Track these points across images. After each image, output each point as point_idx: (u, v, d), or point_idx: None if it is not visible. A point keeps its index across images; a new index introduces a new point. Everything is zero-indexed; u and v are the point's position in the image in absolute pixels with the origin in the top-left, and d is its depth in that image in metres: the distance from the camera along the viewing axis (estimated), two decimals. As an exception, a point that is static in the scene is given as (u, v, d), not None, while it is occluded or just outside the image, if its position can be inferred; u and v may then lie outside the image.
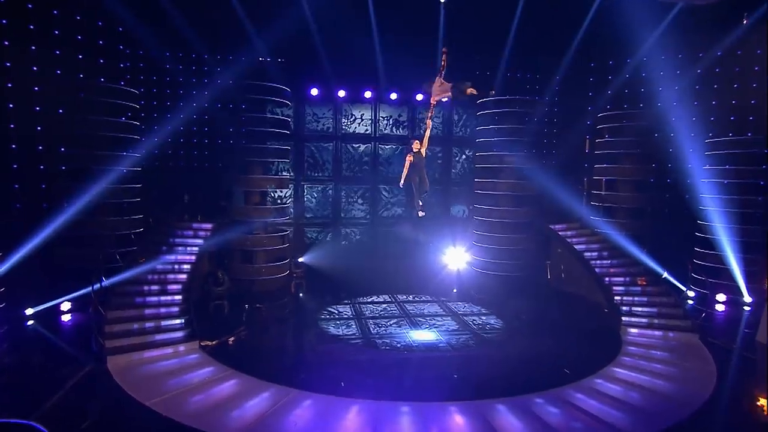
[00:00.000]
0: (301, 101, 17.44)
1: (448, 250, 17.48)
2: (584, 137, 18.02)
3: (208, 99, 16.28)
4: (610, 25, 15.50)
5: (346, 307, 14.28)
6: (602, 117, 16.66)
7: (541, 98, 16.97)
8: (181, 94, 16.54)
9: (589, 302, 14.02)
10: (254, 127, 15.17)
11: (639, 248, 14.25)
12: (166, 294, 12.00)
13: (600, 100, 17.39)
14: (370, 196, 18.47)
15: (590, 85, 17.81)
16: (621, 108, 16.88)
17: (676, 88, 16.04)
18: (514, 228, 16.32)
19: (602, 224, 15.84)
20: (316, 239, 18.20)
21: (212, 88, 16.07)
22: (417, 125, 18.41)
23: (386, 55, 16.03)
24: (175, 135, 16.28)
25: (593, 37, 16.27)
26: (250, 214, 15.14)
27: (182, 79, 16.26)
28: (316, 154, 18.03)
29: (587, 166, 17.90)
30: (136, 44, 15.02)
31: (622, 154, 16.10)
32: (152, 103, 16.22)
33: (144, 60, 15.86)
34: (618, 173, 16.09)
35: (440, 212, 18.87)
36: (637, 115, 16.23)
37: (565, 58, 16.44)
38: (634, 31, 15.46)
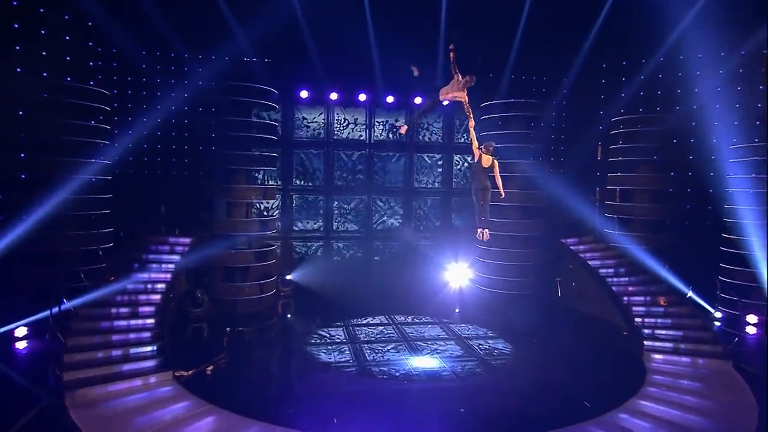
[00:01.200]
0: (289, 104, 16.90)
1: (450, 266, 16.87)
2: (596, 143, 17.53)
3: (188, 102, 15.68)
4: (624, 23, 15.16)
5: (338, 330, 13.59)
6: (616, 122, 16.20)
7: (550, 101, 16.46)
8: (159, 96, 15.87)
9: (605, 324, 13.43)
10: (238, 132, 14.58)
11: (660, 264, 13.66)
12: (137, 317, 11.28)
13: (613, 104, 16.91)
14: (365, 208, 17.90)
15: (602, 87, 17.36)
16: (636, 112, 16.39)
17: (696, 90, 15.58)
18: (522, 242, 15.77)
19: (617, 238, 15.29)
20: (305, 254, 17.58)
21: (193, 90, 15.48)
22: (416, 131, 17.88)
23: (383, 54, 15.52)
24: (151, 140, 15.67)
25: (606, 36, 15.83)
26: (233, 228, 14.58)
27: (160, 80, 15.65)
28: (306, 161, 17.46)
29: (599, 175, 17.40)
30: (109, 41, 14.39)
31: (638, 161, 15.63)
32: (127, 105, 15.58)
33: (117, 59, 15.25)
34: (634, 182, 15.63)
35: (441, 225, 18.28)
36: (654, 119, 15.75)
37: (576, 59, 15.96)
38: (650, 30, 15.09)
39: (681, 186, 16.06)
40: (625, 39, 15.55)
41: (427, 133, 18.06)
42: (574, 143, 17.75)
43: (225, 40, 14.31)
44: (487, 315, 15.08)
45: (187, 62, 15.37)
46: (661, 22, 14.81)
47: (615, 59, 17.13)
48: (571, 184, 16.55)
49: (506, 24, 15.05)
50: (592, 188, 17.65)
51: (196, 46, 15.08)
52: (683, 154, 15.89)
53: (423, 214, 18.28)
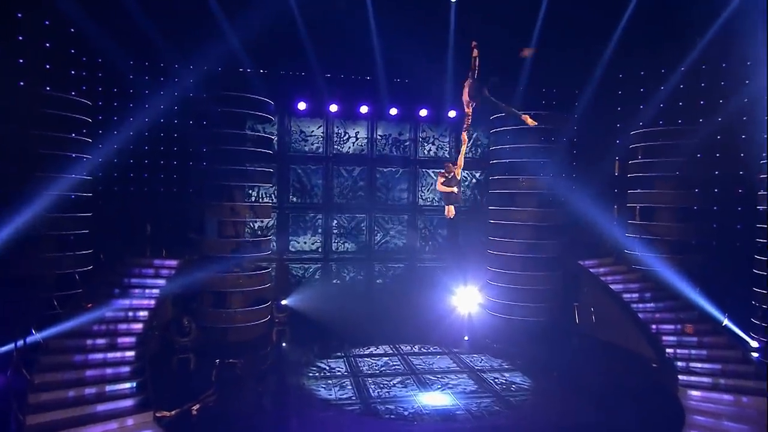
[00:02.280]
0: (286, 117, 16.26)
1: (458, 289, 16.03)
2: (613, 158, 16.84)
3: (178, 114, 15.03)
4: (642, 32, 14.60)
5: (339, 362, 12.67)
6: (635, 135, 15.53)
7: (567, 113, 15.78)
8: (147, 108, 15.12)
9: (631, 354, 12.61)
10: (232, 146, 13.87)
11: (689, 288, 12.84)
12: (116, 349, 10.38)
13: (630, 117, 16.26)
14: (366, 227, 17.15)
15: (618, 99, 16.71)
16: (656, 125, 15.74)
17: (721, 101, 14.94)
18: (537, 264, 15.00)
19: (640, 259, 14.49)
20: (302, 277, 16.76)
21: (183, 102, 14.80)
22: (420, 145, 17.21)
23: (387, 64, 14.87)
24: (138, 155, 14.97)
25: (623, 45, 15.26)
26: (224, 249, 13.84)
27: (148, 92, 14.93)
28: (304, 177, 16.72)
29: (617, 192, 16.68)
30: (94, 50, 13.70)
31: (660, 177, 14.92)
32: (112, 117, 14.82)
33: (103, 68, 14.57)
34: (655, 200, 14.90)
35: (447, 245, 17.47)
36: (675, 132, 15.08)
37: (592, 69, 15.32)
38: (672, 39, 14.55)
39: (706, 204, 15.31)
40: (644, 48, 14.97)
41: (433, 148, 17.37)
42: (590, 158, 17.06)
43: (218, 48, 13.64)
44: (500, 344, 14.24)
45: (178, 72, 14.67)
46: (684, 31, 14.29)
47: (632, 69, 16.53)
48: (588, 201, 15.85)
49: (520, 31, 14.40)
50: (609, 206, 16.91)
51: (188, 55, 14.38)
52: (708, 169, 15.19)
53: (428, 233, 17.49)
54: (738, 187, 14.54)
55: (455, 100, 16.92)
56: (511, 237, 15.33)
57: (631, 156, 15.64)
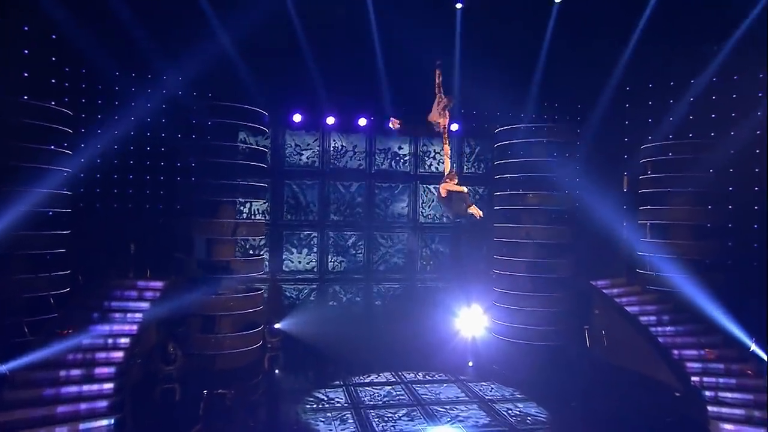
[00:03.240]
0: (280, 129, 15.54)
1: (462, 311, 15.24)
2: (621, 173, 16.25)
3: (166, 126, 14.24)
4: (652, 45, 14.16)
5: (337, 392, 11.78)
6: (645, 149, 14.96)
7: (576, 126, 15.19)
8: (133, 120, 14.34)
9: (650, 382, 11.80)
10: (223, 159, 13.09)
11: (711, 309, 12.13)
12: (92, 381, 9.44)
13: (638, 130, 15.73)
14: (364, 246, 16.36)
15: (626, 112, 16.18)
16: (666, 139, 15.19)
17: (733, 114, 14.45)
18: (546, 284, 14.30)
19: (654, 279, 13.81)
20: (296, 299, 15.89)
21: (172, 113, 14.04)
22: (421, 159, 16.54)
23: (387, 74, 14.22)
24: (122, 170, 14.10)
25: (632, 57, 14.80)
26: (214, 269, 13.00)
27: (134, 104, 14.15)
28: (299, 193, 15.94)
29: (626, 209, 16.05)
30: (77, 57, 12.90)
31: (670, 193, 14.32)
32: (96, 130, 13.96)
33: (87, 78, 13.74)
34: (667, 216, 14.27)
35: (450, 264, 16.71)
36: (686, 146, 14.53)
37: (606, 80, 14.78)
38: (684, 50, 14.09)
39: (720, 221, 14.72)
40: (653, 61, 14.51)
41: (434, 162, 16.69)
42: (597, 173, 16.45)
43: (209, 55, 12.92)
44: (508, 370, 13.44)
45: (167, 81, 13.92)
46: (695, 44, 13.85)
47: (639, 82, 16.04)
48: (597, 218, 15.24)
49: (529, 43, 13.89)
50: (618, 223, 16.28)
51: (177, 62, 13.58)
52: (721, 185, 14.63)
53: (430, 252, 16.72)
54: (754, 204, 14.00)
55: (458, 112, 16.53)
56: (518, 256, 14.62)
57: (641, 171, 15.12)
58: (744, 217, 14.09)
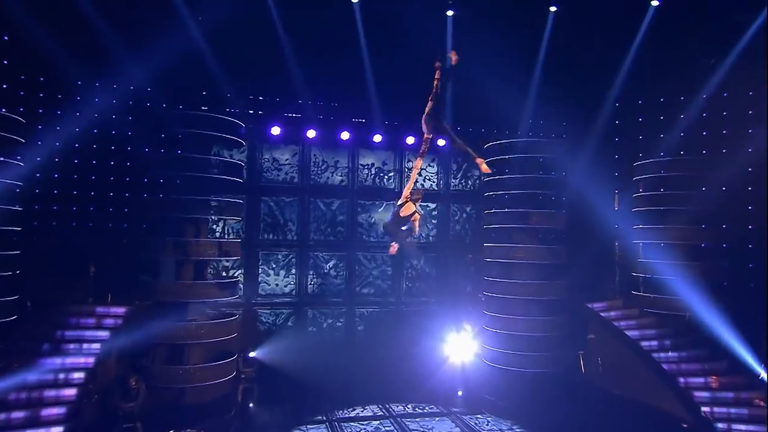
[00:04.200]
0: (257, 142, 14.62)
1: (450, 336, 14.43)
2: (612, 191, 15.82)
3: (132, 138, 13.15)
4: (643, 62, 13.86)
5: (320, 428, 10.86)
6: (637, 167, 14.58)
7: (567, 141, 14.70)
8: (96, 132, 13.25)
9: (654, 412, 11.19)
10: (195, 173, 12.11)
11: (713, 334, 11.59)
12: (38, 425, 8.34)
13: (628, 147, 15.37)
14: (346, 267, 15.44)
15: (617, 129, 15.81)
16: (657, 155, 14.83)
17: (724, 132, 14.18)
18: (541, 307, 13.59)
19: (651, 301, 13.28)
20: (273, 325, 14.83)
21: (140, 123, 12.98)
22: (406, 176, 15.78)
23: (372, 84, 13.49)
24: (83, 184, 12.93)
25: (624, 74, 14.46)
26: (183, 293, 11.96)
27: (98, 115, 13.05)
28: (276, 211, 14.98)
29: (618, 227, 15.58)
30: (32, 60, 11.84)
31: (663, 211, 13.90)
32: (54, 142, 12.81)
33: (46, 85, 12.63)
34: (660, 236, 13.80)
35: (437, 286, 15.89)
36: (677, 164, 14.19)
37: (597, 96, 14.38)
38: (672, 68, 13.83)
39: (715, 241, 14.31)
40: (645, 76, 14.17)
41: (420, 179, 15.96)
42: (588, 190, 15.97)
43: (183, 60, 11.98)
44: (502, 400, 12.76)
45: (134, 90, 12.86)
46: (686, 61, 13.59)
47: (629, 97, 15.70)
48: (589, 237, 14.73)
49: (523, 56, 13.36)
50: (610, 243, 15.79)
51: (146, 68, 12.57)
52: (714, 204, 14.27)
53: (416, 273, 15.89)
54: (748, 223, 13.64)
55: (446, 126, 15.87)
56: (511, 277, 13.91)
57: (633, 189, 14.71)
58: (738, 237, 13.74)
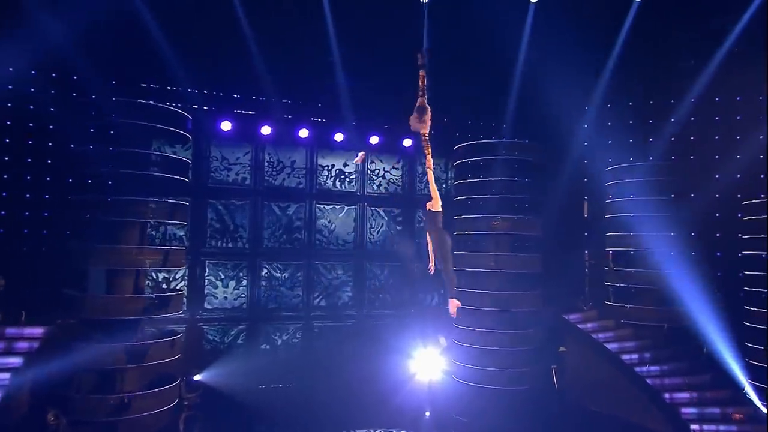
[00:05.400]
0: (204, 138, 13.23)
1: (417, 352, 13.50)
2: (581, 198, 15.45)
3: (55, 131, 11.50)
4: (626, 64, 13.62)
5: (276, 464, 9.53)
6: (606, 173, 14.25)
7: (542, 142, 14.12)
8: (9, 124, 11.47)
9: (637, 429, 10.59)
10: (131, 170, 10.56)
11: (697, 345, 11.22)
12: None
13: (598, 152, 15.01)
14: (304, 277, 14.28)
15: (585, 132, 15.42)
16: (626, 160, 14.53)
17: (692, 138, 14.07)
18: (514, 320, 12.86)
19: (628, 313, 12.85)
20: (222, 343, 13.47)
21: (63, 113, 11.30)
22: (369, 179, 14.79)
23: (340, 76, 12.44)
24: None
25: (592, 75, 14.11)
26: (115, 309, 10.43)
27: (11, 103, 11.31)
28: (226, 215, 13.63)
29: (588, 235, 15.22)
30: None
31: (633, 218, 13.54)
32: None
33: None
34: (631, 244, 13.46)
35: (402, 298, 14.95)
36: (646, 169, 13.92)
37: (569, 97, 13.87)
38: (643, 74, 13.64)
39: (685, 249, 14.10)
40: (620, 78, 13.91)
41: (383, 182, 14.99)
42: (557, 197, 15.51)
43: (122, 30, 10.46)
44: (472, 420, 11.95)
45: (58, 62, 11.15)
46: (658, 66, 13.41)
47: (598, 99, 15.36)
48: (558, 246, 14.25)
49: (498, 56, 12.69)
50: (580, 251, 15.38)
51: (73, 30, 10.85)
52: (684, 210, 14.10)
53: (379, 284, 14.87)
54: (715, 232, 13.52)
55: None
56: (482, 287, 13.11)
57: (603, 195, 14.33)
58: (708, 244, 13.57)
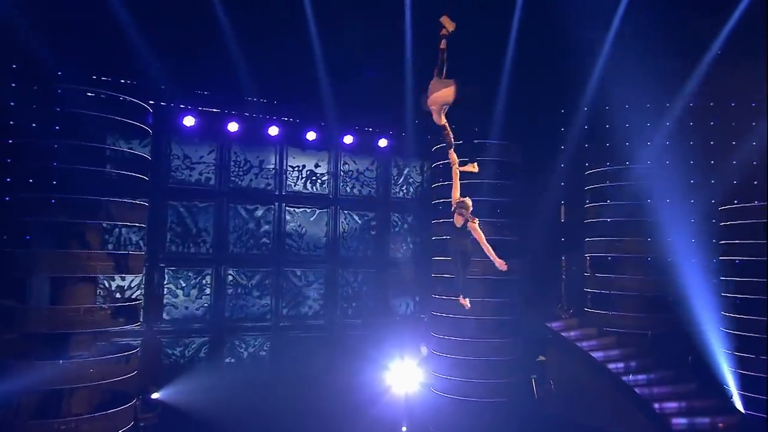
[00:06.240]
0: (165, 134, 12.33)
1: (393, 363, 12.83)
2: (558, 202, 15.21)
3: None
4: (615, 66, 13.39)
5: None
6: (589, 175, 14.09)
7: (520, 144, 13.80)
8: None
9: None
10: (82, 166, 9.54)
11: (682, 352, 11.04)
12: None
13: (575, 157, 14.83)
14: (272, 285, 13.56)
15: (560, 139, 15.20)
16: (603, 165, 14.38)
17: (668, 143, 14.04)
18: (495, 328, 12.43)
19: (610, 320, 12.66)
20: (182, 357, 12.62)
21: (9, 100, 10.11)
22: (342, 180, 14.11)
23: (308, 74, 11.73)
24: None
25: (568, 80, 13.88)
26: (64, 321, 9.47)
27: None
28: (188, 218, 12.79)
29: (564, 241, 14.96)
30: None
31: (610, 223, 13.46)
32: None
33: None
34: (613, 249, 13.37)
35: (376, 307, 14.31)
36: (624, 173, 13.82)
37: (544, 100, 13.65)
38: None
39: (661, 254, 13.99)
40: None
41: (357, 184, 14.35)
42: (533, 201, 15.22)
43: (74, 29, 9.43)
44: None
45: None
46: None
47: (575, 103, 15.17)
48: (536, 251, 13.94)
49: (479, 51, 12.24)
50: (557, 257, 15.11)
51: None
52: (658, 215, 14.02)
53: (352, 292, 14.19)
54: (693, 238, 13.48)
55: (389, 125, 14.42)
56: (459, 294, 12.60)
57: (580, 200, 14.21)
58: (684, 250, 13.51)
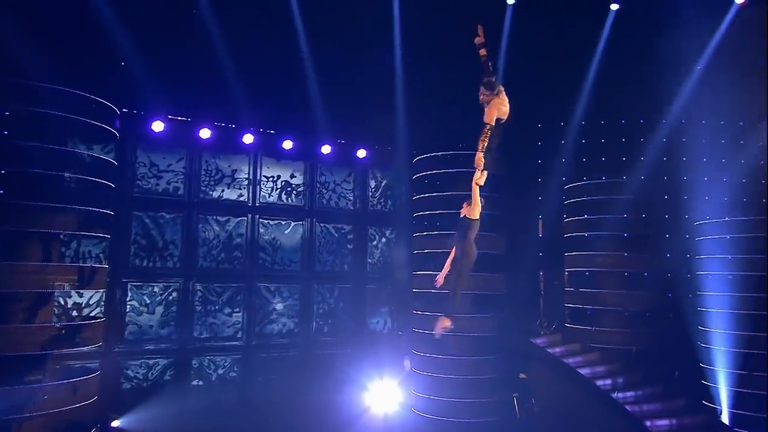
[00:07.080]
0: (131, 139, 11.50)
1: (372, 383, 12.26)
2: (536, 217, 15.07)
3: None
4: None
5: None
6: (567, 189, 13.99)
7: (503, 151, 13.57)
8: None
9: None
10: (38, 170, 8.68)
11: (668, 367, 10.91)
12: None
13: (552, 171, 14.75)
14: (244, 301, 12.74)
15: (538, 150, 15.14)
16: (580, 179, 14.34)
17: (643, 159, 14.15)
18: (478, 345, 12.00)
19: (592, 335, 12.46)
20: (145, 380, 11.57)
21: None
22: (318, 192, 13.58)
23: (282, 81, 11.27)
24: None
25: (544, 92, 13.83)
26: (14, 342, 8.46)
27: None
28: (154, 230, 11.91)
29: (542, 255, 14.80)
30: None
31: (595, 238, 13.38)
32: None
33: None
34: (594, 264, 13.22)
35: (354, 324, 13.71)
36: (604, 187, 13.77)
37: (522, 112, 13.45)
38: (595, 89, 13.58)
39: (657, 269, 13.87)
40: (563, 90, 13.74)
41: (334, 196, 13.82)
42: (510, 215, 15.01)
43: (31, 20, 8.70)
44: None
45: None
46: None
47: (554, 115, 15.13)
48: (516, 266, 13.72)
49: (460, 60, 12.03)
50: (534, 272, 14.91)
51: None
52: (654, 230, 13.98)
53: (328, 308, 13.54)
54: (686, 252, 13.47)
55: (368, 135, 14.01)
56: (442, 310, 12.14)
57: (560, 215, 14.08)
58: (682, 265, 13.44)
